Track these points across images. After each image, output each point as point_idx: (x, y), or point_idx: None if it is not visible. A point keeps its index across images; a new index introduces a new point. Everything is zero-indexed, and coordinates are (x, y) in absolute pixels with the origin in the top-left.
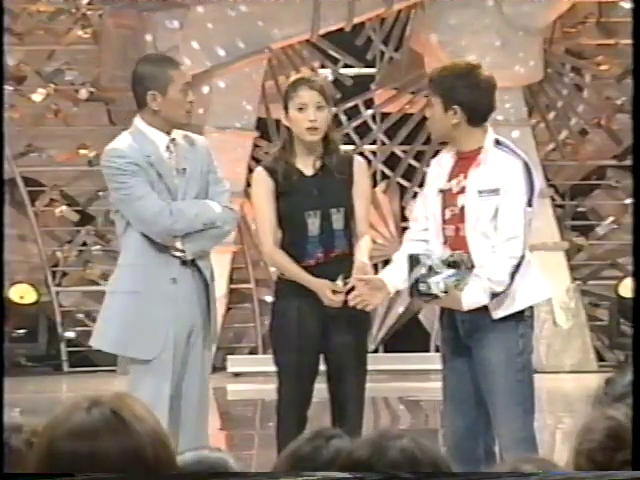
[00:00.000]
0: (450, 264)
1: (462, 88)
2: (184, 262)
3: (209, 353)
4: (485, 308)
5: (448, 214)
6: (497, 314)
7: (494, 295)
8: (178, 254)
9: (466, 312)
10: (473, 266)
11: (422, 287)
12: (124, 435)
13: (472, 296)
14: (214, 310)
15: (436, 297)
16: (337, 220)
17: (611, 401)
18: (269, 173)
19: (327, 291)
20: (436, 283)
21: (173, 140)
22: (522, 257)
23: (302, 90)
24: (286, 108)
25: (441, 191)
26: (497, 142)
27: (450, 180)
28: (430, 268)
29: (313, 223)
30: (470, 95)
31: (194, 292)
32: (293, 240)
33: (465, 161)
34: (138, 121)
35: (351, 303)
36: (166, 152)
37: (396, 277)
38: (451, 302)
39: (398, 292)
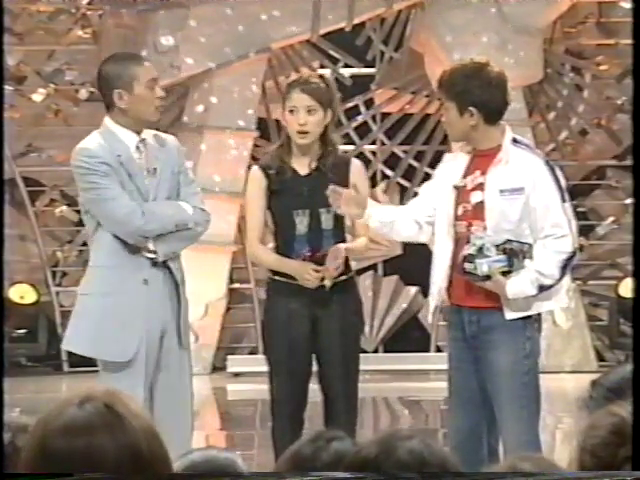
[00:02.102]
0: (505, 250)
1: (475, 89)
2: (155, 263)
3: (187, 354)
4: (494, 309)
5: (460, 210)
6: (510, 315)
7: (542, 288)
8: (150, 255)
9: (474, 312)
10: (529, 257)
11: (468, 266)
12: (119, 430)
13: (518, 285)
14: (185, 312)
15: (480, 279)
16: (326, 220)
17: (595, 405)
18: (264, 171)
19: (308, 269)
20: (480, 265)
21: (143, 140)
22: (573, 252)
23: (294, 93)
24: (283, 108)
25: (456, 188)
26: (514, 140)
27: (465, 177)
28: (480, 249)
29: (301, 222)
30: (484, 94)
31: (166, 294)
32: (282, 238)
33: (483, 158)
34: (108, 121)
35: (326, 269)
36: (136, 152)
37: (378, 212)
38: (495, 287)
39: (398, 292)
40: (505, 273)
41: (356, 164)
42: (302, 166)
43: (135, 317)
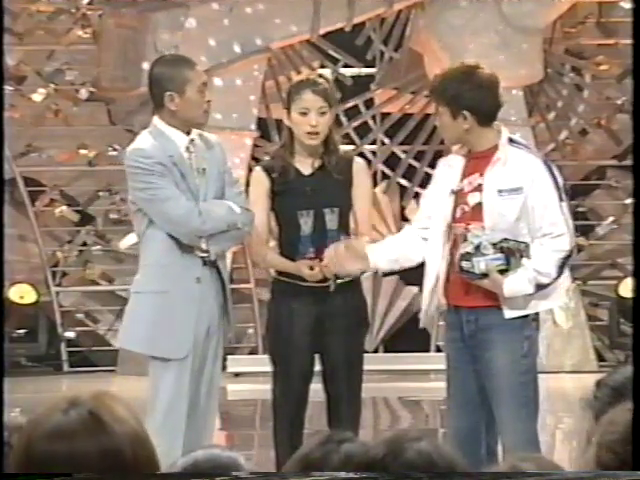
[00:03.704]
0: (502, 249)
1: (466, 92)
2: (205, 262)
3: (221, 353)
4: (492, 308)
5: (458, 212)
6: (510, 314)
7: (539, 286)
8: (202, 254)
9: (472, 312)
10: (526, 256)
11: (465, 264)
12: (101, 436)
13: (516, 284)
14: (231, 309)
15: (477, 277)
16: (331, 220)
17: (600, 405)
18: (266, 172)
19: (304, 267)
20: (478, 262)
21: (192, 140)
22: (570, 251)
23: (306, 94)
24: (288, 109)
25: (453, 192)
26: (511, 140)
27: (462, 180)
28: (477, 248)
29: (306, 222)
30: (476, 98)
31: (213, 292)
32: (286, 238)
33: (479, 160)
34: (157, 121)
35: (324, 266)
36: (186, 152)
37: (381, 255)
38: (492, 286)
39: (398, 292)
40: (502, 272)
41: (359, 163)
42: (305, 166)
43: (188, 315)
